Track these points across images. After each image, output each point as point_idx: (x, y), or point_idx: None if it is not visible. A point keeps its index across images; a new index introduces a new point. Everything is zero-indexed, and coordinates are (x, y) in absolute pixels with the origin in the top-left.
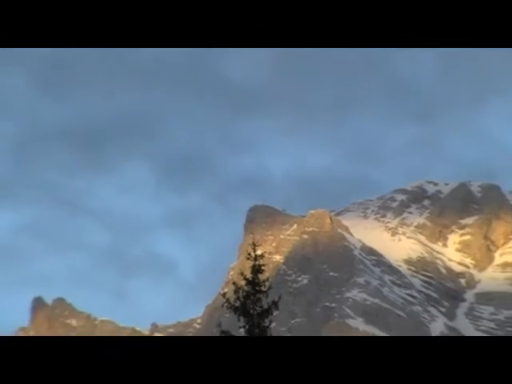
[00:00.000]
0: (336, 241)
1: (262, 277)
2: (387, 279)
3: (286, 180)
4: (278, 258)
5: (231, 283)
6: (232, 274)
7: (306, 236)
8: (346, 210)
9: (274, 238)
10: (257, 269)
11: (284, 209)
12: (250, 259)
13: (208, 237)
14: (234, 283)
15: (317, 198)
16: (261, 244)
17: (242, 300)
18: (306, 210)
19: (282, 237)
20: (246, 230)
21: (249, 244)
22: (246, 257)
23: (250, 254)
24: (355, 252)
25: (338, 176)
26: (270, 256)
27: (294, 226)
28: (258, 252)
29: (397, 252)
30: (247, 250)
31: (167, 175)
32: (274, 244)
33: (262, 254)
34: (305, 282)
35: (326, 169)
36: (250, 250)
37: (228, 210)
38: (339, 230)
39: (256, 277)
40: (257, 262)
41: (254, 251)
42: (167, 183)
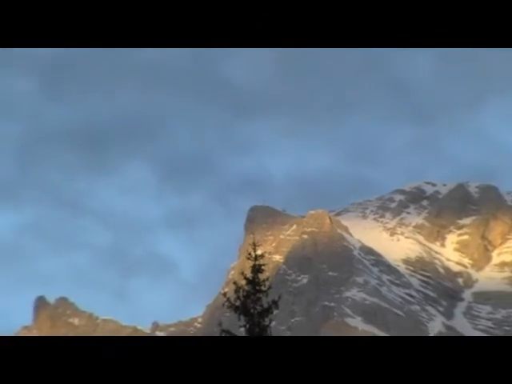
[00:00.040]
0: (335, 241)
1: (262, 276)
2: (386, 279)
3: (285, 181)
4: (278, 257)
5: (232, 283)
6: (232, 273)
7: (306, 236)
8: (345, 210)
9: (274, 238)
10: (257, 268)
11: (284, 209)
12: (251, 259)
13: (209, 237)
14: (235, 283)
15: (316, 198)
16: (261, 244)
17: (242, 299)
18: (306, 210)
19: (281, 237)
20: (246, 231)
21: (249, 244)
22: (246, 257)
23: (250, 254)
24: (354, 252)
25: (338, 177)
26: (270, 256)
27: (294, 227)
28: (258, 252)
29: (395, 252)
30: (247, 250)
31: (168, 176)
32: (274, 244)
33: (262, 254)
34: (304, 281)
35: (326, 170)
36: (251, 249)
37: (228, 210)
38: (338, 230)
39: (256, 276)
40: (257, 262)
41: (255, 251)
42: (168, 184)
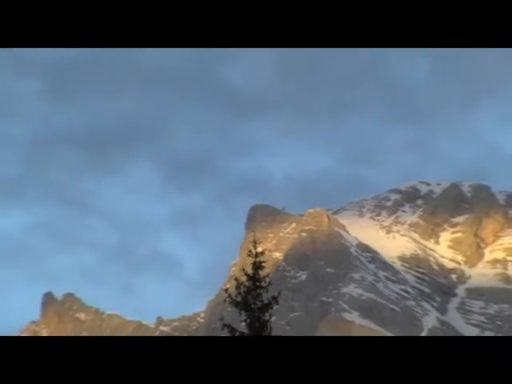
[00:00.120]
0: (333, 238)
1: (262, 273)
2: (382, 275)
3: (285, 180)
4: (278, 255)
5: (233, 279)
6: (234, 270)
7: (305, 234)
8: (342, 209)
9: (273, 236)
10: (257, 265)
11: (283, 208)
12: (251, 256)
13: (211, 235)
14: (236, 279)
15: (315, 197)
16: (261, 242)
17: (243, 295)
18: (305, 209)
19: (281, 235)
20: (246, 229)
21: (250, 242)
22: (247, 254)
23: (250, 252)
24: (351, 249)
25: (335, 176)
26: (269, 253)
27: (293, 225)
28: (259, 249)
29: (391, 249)
30: (248, 248)
31: (172, 176)
32: (273, 242)
33: (263, 251)
34: (303, 277)
35: (324, 170)
36: (251, 247)
37: (230, 209)
38: (336, 228)
39: (257, 273)
40: (257, 259)
41: (255, 248)
42: (172, 184)
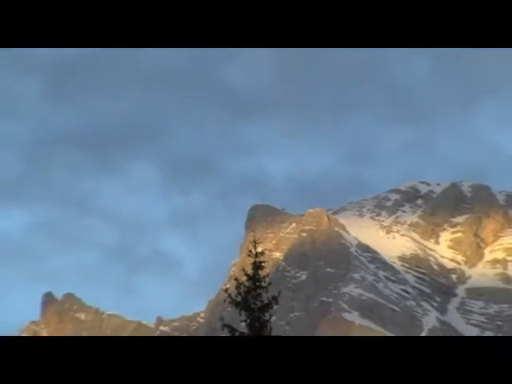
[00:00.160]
0: (333, 238)
1: (262, 273)
2: (382, 275)
3: (285, 180)
4: (278, 254)
5: (233, 279)
6: (234, 270)
7: (305, 234)
8: (342, 209)
9: (273, 236)
10: (257, 265)
11: (283, 208)
12: (251, 256)
13: (211, 235)
14: (236, 279)
15: (315, 197)
16: (261, 242)
17: (243, 295)
18: (305, 209)
19: (281, 235)
20: (246, 229)
21: (250, 242)
22: (247, 254)
23: (250, 251)
24: (351, 249)
25: (335, 176)
26: (270, 253)
27: (293, 225)
28: (259, 249)
29: (391, 249)
30: (248, 248)
31: (172, 176)
32: (273, 242)
33: (263, 251)
34: (303, 277)
35: (324, 170)
36: (251, 247)
37: (230, 209)
38: (336, 228)
39: (257, 273)
40: (257, 259)
41: (255, 248)
42: (172, 184)
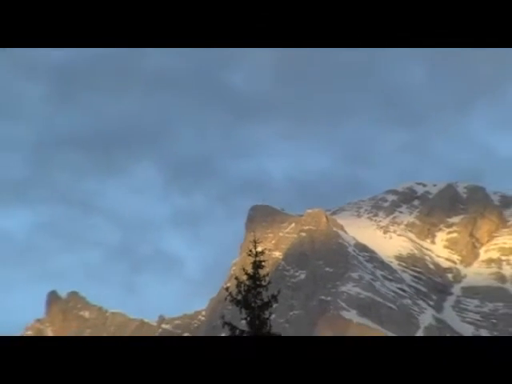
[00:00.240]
0: (331, 238)
1: (262, 272)
2: (379, 274)
3: (284, 181)
4: (278, 254)
5: (233, 278)
6: (234, 269)
7: (304, 234)
8: (340, 209)
9: (273, 236)
10: (257, 264)
11: (283, 208)
12: (251, 255)
13: (212, 235)
14: (236, 278)
15: (313, 198)
16: (261, 241)
17: (243, 293)
18: (304, 209)
19: (281, 234)
20: (247, 229)
21: (250, 241)
22: (247, 253)
23: (251, 251)
24: (349, 249)
25: (334, 178)
26: (269, 252)
27: (292, 225)
28: (259, 249)
29: (388, 249)
30: (248, 247)
31: (174, 177)
32: (273, 241)
33: (263, 251)
34: (302, 276)
35: (322, 171)
36: (251, 247)
37: (230, 209)
38: (334, 229)
39: (257, 272)
40: (257, 258)
41: (255, 248)
42: (174, 185)
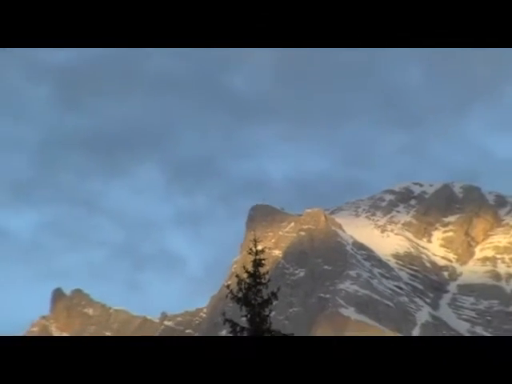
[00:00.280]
0: (330, 237)
1: (262, 270)
2: (377, 272)
3: (284, 182)
4: (277, 252)
5: (234, 276)
6: (235, 267)
7: (303, 233)
8: (339, 209)
9: (273, 235)
10: (258, 263)
11: (282, 208)
12: (252, 254)
13: (213, 234)
14: (237, 276)
15: (313, 198)
16: (261, 240)
17: (244, 291)
18: (303, 209)
19: (280, 233)
20: (247, 228)
21: (250, 240)
22: (247, 252)
23: (251, 250)
24: (347, 247)
25: (332, 178)
26: (269, 251)
27: (292, 224)
28: (259, 247)
29: (385, 247)
30: (249, 246)
31: (176, 178)
32: (273, 240)
33: (263, 250)
34: (301, 274)
35: (321, 171)
36: (252, 245)
37: (231, 209)
38: (333, 228)
39: (257, 270)
40: (258, 257)
41: (255, 247)
42: (176, 185)
